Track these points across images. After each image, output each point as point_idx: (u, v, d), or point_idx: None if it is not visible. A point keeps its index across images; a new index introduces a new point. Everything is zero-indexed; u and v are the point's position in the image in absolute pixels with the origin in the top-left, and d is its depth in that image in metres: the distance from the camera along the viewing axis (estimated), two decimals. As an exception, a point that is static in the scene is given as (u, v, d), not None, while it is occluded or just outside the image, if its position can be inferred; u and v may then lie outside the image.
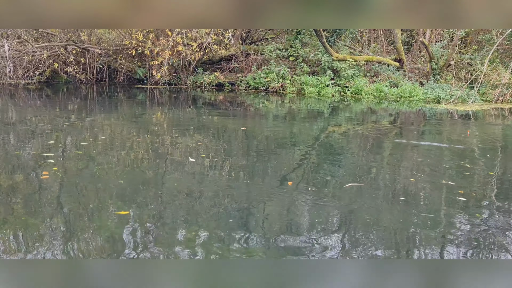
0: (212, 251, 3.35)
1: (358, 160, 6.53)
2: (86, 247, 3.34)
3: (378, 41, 19.67)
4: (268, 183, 5.09)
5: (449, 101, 14.36)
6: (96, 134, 7.76)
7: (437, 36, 18.83)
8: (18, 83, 16.60)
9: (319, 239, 3.62)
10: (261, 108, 13.07)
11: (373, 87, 15.70)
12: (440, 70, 16.57)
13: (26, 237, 3.49)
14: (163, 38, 16.53)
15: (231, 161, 6.10)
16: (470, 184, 5.29)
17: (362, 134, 8.79)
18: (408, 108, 13.58)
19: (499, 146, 8.09)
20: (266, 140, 8.03)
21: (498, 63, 16.06)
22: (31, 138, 7.41)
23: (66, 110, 11.24)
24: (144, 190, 4.68)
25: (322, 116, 11.67)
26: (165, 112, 11.50)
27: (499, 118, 12.08)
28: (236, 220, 3.93)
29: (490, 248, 3.55)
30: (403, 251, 3.46)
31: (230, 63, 18.25)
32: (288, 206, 4.35)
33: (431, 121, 11.30)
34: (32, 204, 4.17)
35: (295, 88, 16.48)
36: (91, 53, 18.00)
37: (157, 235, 3.59)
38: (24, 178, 5.01)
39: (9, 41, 16.51)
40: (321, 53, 16.65)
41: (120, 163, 5.86)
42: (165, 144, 7.29)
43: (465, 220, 4.09)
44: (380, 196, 4.75)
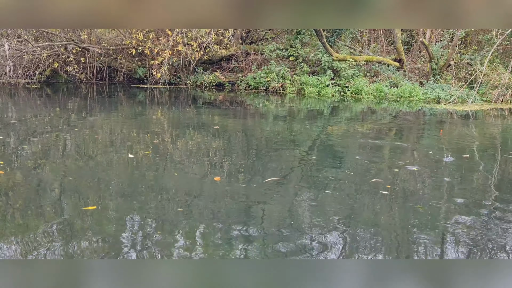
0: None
1: (299, 157, 6.61)
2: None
3: (378, 41, 19.67)
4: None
5: (449, 101, 14.36)
6: (95, 133, 7.76)
7: (437, 36, 18.83)
8: (18, 82, 16.59)
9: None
10: (261, 108, 13.07)
11: (373, 87, 15.70)
12: (440, 70, 16.58)
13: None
14: (163, 37, 16.53)
15: (227, 160, 6.11)
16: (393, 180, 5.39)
17: (328, 134, 8.84)
18: (408, 108, 13.57)
19: (461, 146, 8.07)
20: (265, 140, 8.04)
21: (498, 63, 16.05)
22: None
23: (66, 110, 11.25)
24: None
25: (318, 116, 11.67)
26: (165, 111, 11.50)
27: (494, 118, 12.08)
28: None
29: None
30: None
31: (230, 63, 18.25)
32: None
33: (419, 121, 11.30)
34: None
35: (295, 88, 16.48)
36: (91, 52, 18.00)
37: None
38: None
39: (9, 40, 16.49)
40: (321, 53, 16.65)
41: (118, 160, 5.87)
42: (163, 142, 7.29)
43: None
44: (294, 189, 4.89)
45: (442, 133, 9.14)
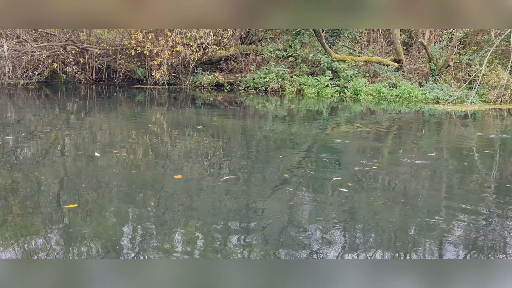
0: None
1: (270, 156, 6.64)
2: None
3: (377, 42, 19.69)
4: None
5: (447, 101, 14.37)
6: (94, 132, 7.76)
7: (436, 36, 18.85)
8: (17, 83, 16.58)
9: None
10: (260, 109, 13.06)
11: (372, 87, 15.71)
12: (439, 70, 16.59)
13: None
14: (162, 38, 16.52)
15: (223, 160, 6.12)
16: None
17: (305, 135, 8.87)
18: (407, 109, 13.57)
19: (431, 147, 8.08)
20: (265, 139, 8.04)
21: (497, 64, 16.06)
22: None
23: (65, 110, 11.24)
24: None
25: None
26: (164, 112, 11.50)
27: (492, 118, 12.10)
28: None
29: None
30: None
31: (230, 64, 18.24)
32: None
33: (413, 122, 11.32)
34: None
35: (294, 88, 16.48)
36: (90, 53, 17.98)
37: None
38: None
39: (8, 41, 16.48)
40: (321, 54, 16.65)
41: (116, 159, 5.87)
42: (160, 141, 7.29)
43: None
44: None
45: (424, 132, 9.21)
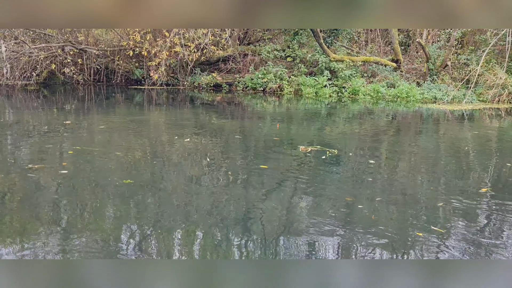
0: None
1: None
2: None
3: (375, 42, 19.70)
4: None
5: (444, 101, 14.39)
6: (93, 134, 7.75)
7: (434, 36, 18.86)
8: (15, 84, 16.54)
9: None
10: (259, 109, 13.06)
11: (370, 87, 15.71)
12: (437, 70, 16.60)
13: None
14: (160, 39, 16.50)
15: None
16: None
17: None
18: (406, 108, 13.59)
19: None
20: (263, 141, 8.05)
21: (495, 64, 16.09)
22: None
23: (63, 111, 11.23)
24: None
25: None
26: (163, 112, 11.49)
27: (489, 118, 12.13)
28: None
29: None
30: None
31: (228, 64, 18.22)
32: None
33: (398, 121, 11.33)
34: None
35: (292, 88, 16.47)
36: (89, 54, 17.93)
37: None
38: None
39: (6, 42, 16.44)
40: (319, 54, 16.65)
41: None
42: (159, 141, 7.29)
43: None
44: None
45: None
